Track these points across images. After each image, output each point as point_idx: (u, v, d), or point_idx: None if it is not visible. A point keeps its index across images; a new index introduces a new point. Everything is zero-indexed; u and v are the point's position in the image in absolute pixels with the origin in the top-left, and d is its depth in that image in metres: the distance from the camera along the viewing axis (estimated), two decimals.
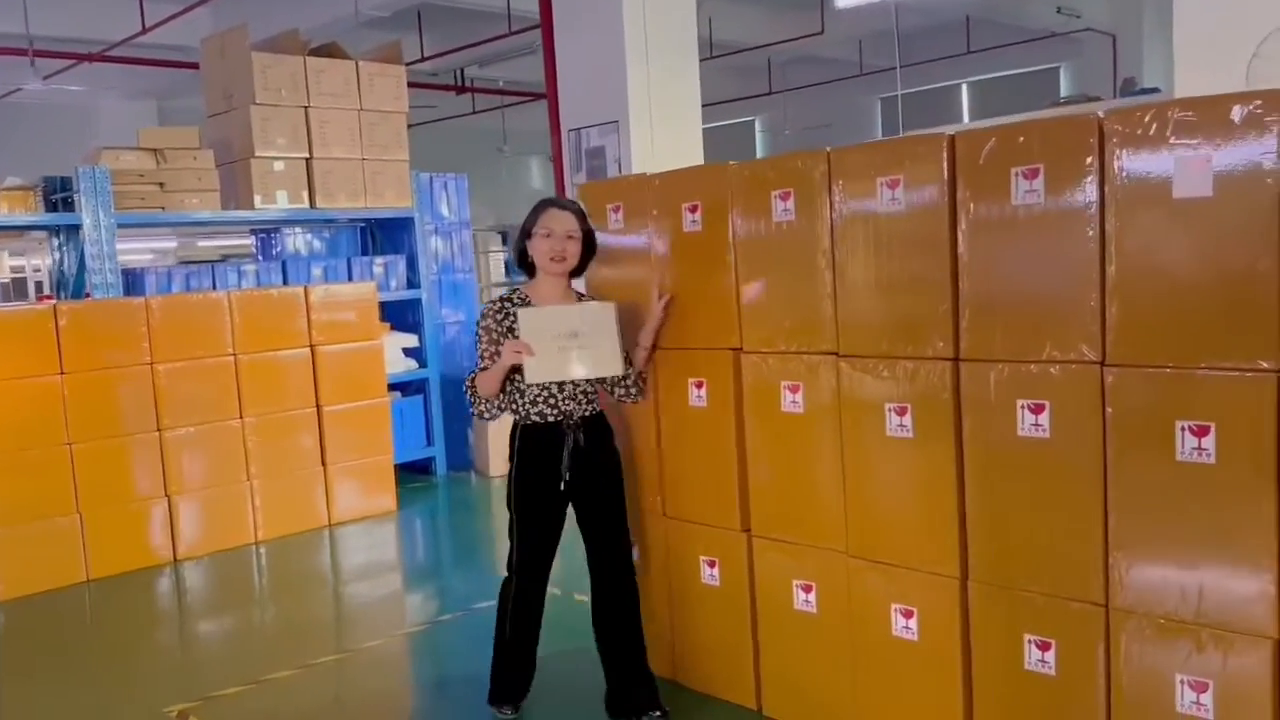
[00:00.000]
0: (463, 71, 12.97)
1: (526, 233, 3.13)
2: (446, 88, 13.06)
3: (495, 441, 6.87)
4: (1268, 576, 2.13)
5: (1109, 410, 2.32)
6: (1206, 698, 2.24)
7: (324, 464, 5.93)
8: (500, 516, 6.40)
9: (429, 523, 6.33)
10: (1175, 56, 7.26)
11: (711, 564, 3.28)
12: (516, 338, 2.98)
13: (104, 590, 5.09)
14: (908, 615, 2.77)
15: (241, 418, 5.64)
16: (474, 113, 14.54)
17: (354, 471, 6.06)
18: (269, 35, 6.48)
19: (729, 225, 3.07)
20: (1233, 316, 2.12)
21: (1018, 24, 12.00)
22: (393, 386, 6.77)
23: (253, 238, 7.31)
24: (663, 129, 6.20)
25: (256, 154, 6.16)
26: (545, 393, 3.08)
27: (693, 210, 3.17)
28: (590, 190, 3.53)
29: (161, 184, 5.93)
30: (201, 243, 9.39)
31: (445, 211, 7.17)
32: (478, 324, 3.17)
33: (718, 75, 14.18)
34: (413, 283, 6.88)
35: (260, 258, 7.13)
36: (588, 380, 3.11)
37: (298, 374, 5.81)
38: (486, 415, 3.19)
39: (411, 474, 7.00)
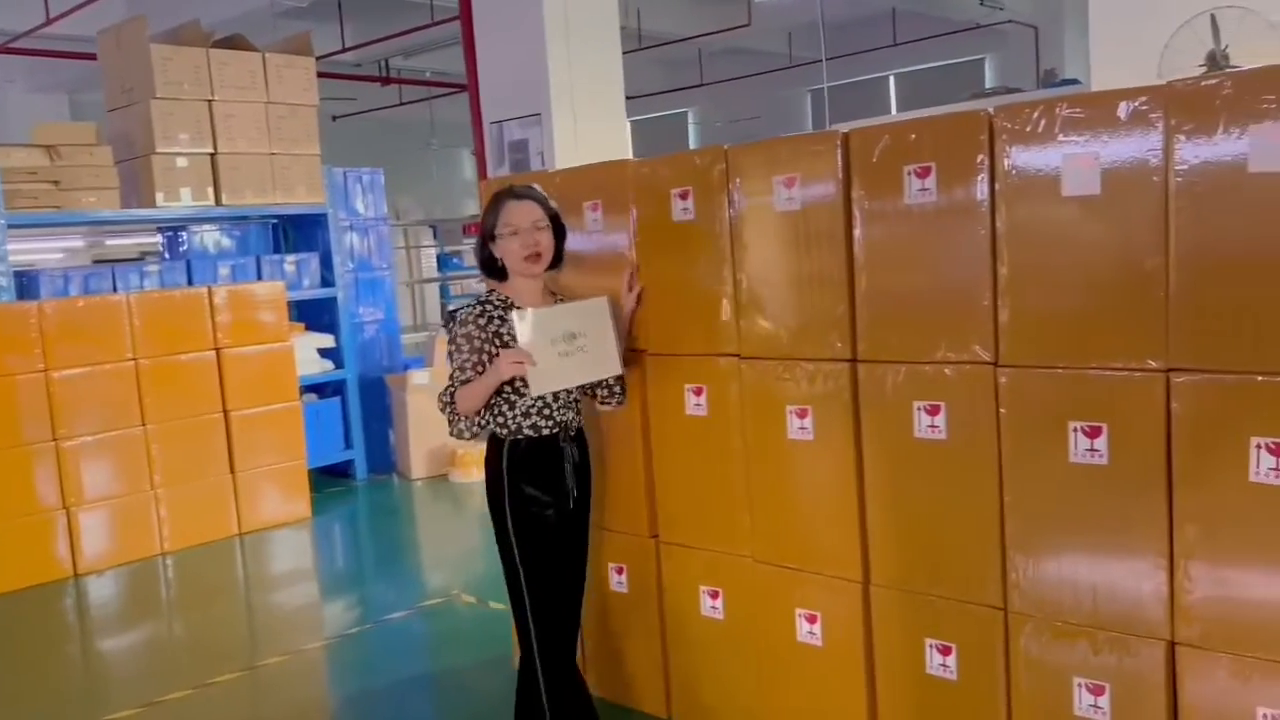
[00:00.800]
0: (387, 62, 12.71)
1: (490, 235, 2.75)
2: (370, 79, 12.79)
3: (417, 442, 6.73)
4: (1161, 578, 2.11)
5: (1003, 411, 2.29)
6: (1104, 700, 2.22)
7: (233, 471, 5.74)
8: (426, 518, 6.36)
9: (347, 529, 6.16)
10: (1091, 49, 7.35)
11: (620, 570, 3.20)
12: (505, 345, 2.65)
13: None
14: (812, 620, 2.72)
15: (144, 425, 5.42)
16: (401, 104, 14.27)
17: (265, 478, 5.87)
18: (183, 27, 6.24)
19: (630, 223, 2.99)
20: (1122, 316, 2.09)
21: (944, 16, 12.09)
22: (308, 388, 6.59)
23: (159, 236, 7.05)
24: (586, 122, 6.10)
25: (158, 150, 5.92)
26: (539, 402, 2.70)
27: (594, 209, 3.09)
28: (492, 188, 3.41)
29: (56, 182, 5.67)
30: (112, 241, 9.07)
31: (361, 207, 6.98)
32: (452, 331, 2.74)
33: (649, 67, 14.12)
34: (327, 281, 6.69)
35: (167, 257, 6.88)
36: (578, 387, 2.80)
37: (203, 378, 5.60)
38: (468, 435, 2.73)
39: (330, 478, 6.81)
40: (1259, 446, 1.95)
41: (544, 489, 2.71)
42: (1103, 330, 2.12)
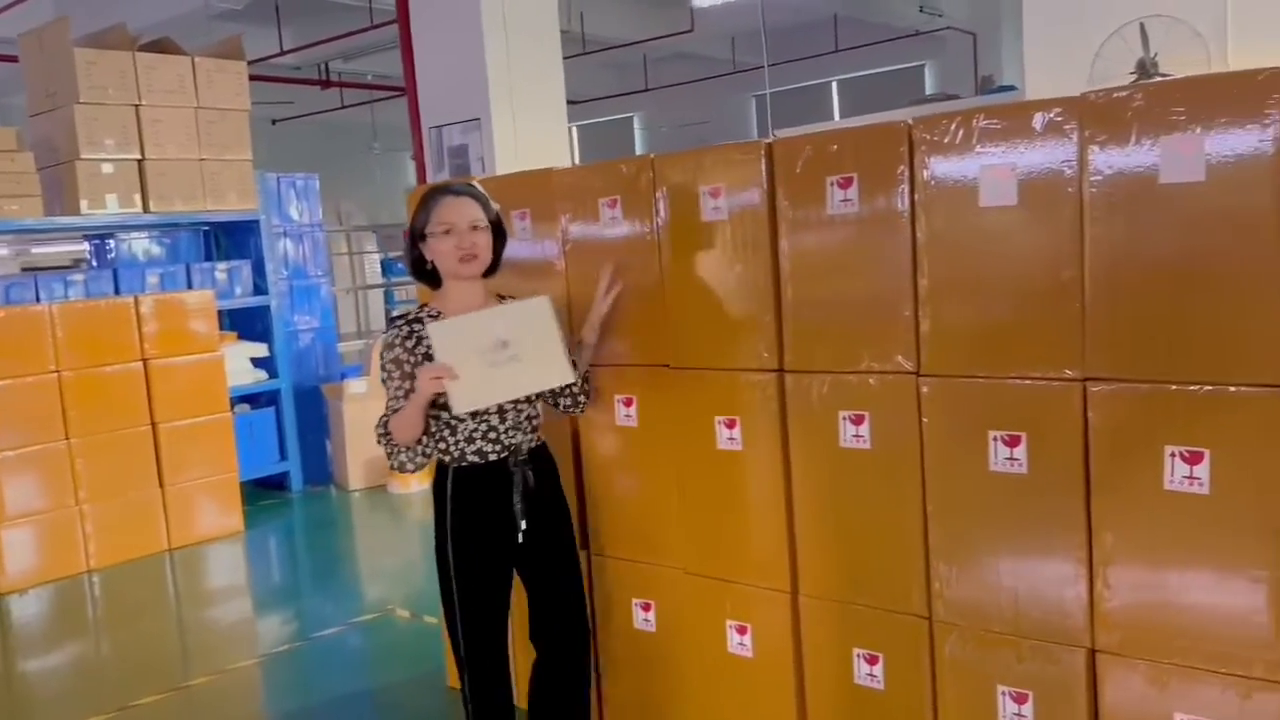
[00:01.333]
0: (327, 65, 12.54)
1: (419, 234, 2.51)
2: (310, 82, 12.61)
3: (354, 453, 6.62)
4: (1080, 586, 2.13)
5: (925, 420, 2.29)
6: (1027, 708, 2.23)
7: (162, 485, 5.60)
8: (363, 530, 6.26)
9: (282, 542, 6.04)
10: (1025, 56, 7.46)
11: None
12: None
13: None
14: (742, 631, 2.71)
15: (68, 438, 5.27)
16: (342, 107, 14.10)
17: (196, 491, 5.74)
18: (108, 30, 6.08)
19: (560, 232, 2.96)
20: (1040, 326, 2.10)
21: (884, 22, 12.22)
22: (242, 399, 6.46)
23: (86, 244, 6.87)
24: (527, 126, 6.04)
25: (82, 156, 5.76)
26: (483, 425, 2.48)
27: (522, 217, 3.05)
28: (419, 196, 3.35)
29: None
30: (40, 249, 8.82)
31: (295, 213, 6.87)
32: (381, 356, 2.53)
33: (594, 71, 14.10)
34: (260, 289, 6.56)
35: (94, 265, 6.70)
36: (529, 401, 2.57)
37: (129, 390, 5.46)
38: (410, 466, 2.52)
39: (264, 491, 6.68)
40: (1173, 455, 1.97)
41: (487, 522, 2.51)
42: (1021, 340, 2.13)
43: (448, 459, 2.52)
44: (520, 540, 2.54)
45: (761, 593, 2.65)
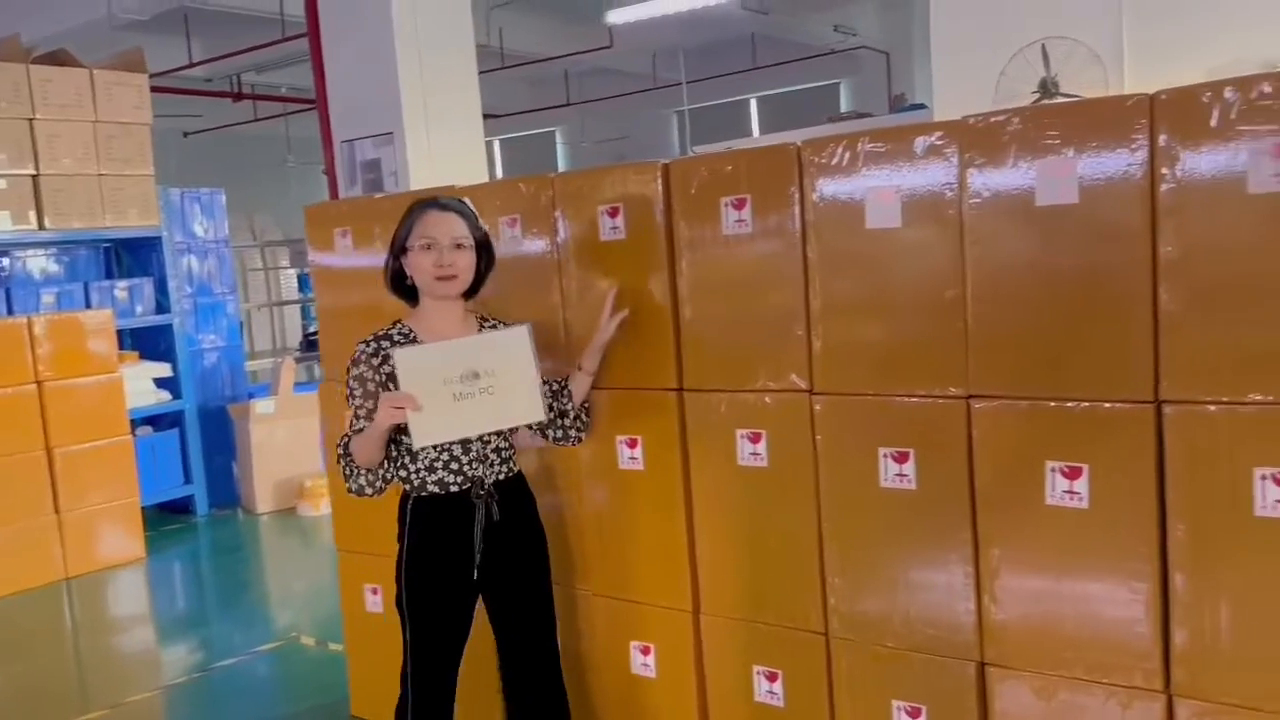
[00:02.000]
0: (239, 78, 12.28)
1: (401, 248, 2.41)
2: (222, 94, 12.33)
3: (262, 475, 6.46)
4: (969, 600, 2.16)
5: (819, 439, 2.31)
6: None
7: (58, 511, 5.39)
8: (270, 555, 6.09)
9: (187, 568, 5.86)
10: (933, 74, 7.65)
11: None
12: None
13: None
14: (646, 652, 2.70)
15: None
16: (256, 120, 13.81)
17: (95, 517, 5.53)
18: (1, 42, 5.87)
19: None
20: (926, 344, 2.14)
21: (801, 41, 12.42)
22: (144, 421, 6.25)
23: None
24: (441, 141, 5.98)
25: None
26: (445, 455, 2.38)
27: None
28: (316, 213, 3.30)
29: None
30: None
31: (200, 229, 6.69)
32: (347, 371, 2.42)
33: (516, 85, 14.05)
34: (162, 307, 6.37)
35: None
36: (499, 434, 2.44)
37: (23, 413, 5.24)
38: (369, 490, 2.39)
39: (168, 515, 6.48)
40: (1054, 470, 2.02)
41: (441, 552, 2.41)
42: (908, 358, 2.17)
43: (408, 487, 2.42)
44: (475, 575, 2.44)
45: (664, 612, 2.65)
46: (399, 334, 2.42)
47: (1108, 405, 1.95)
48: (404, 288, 2.45)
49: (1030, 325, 2.01)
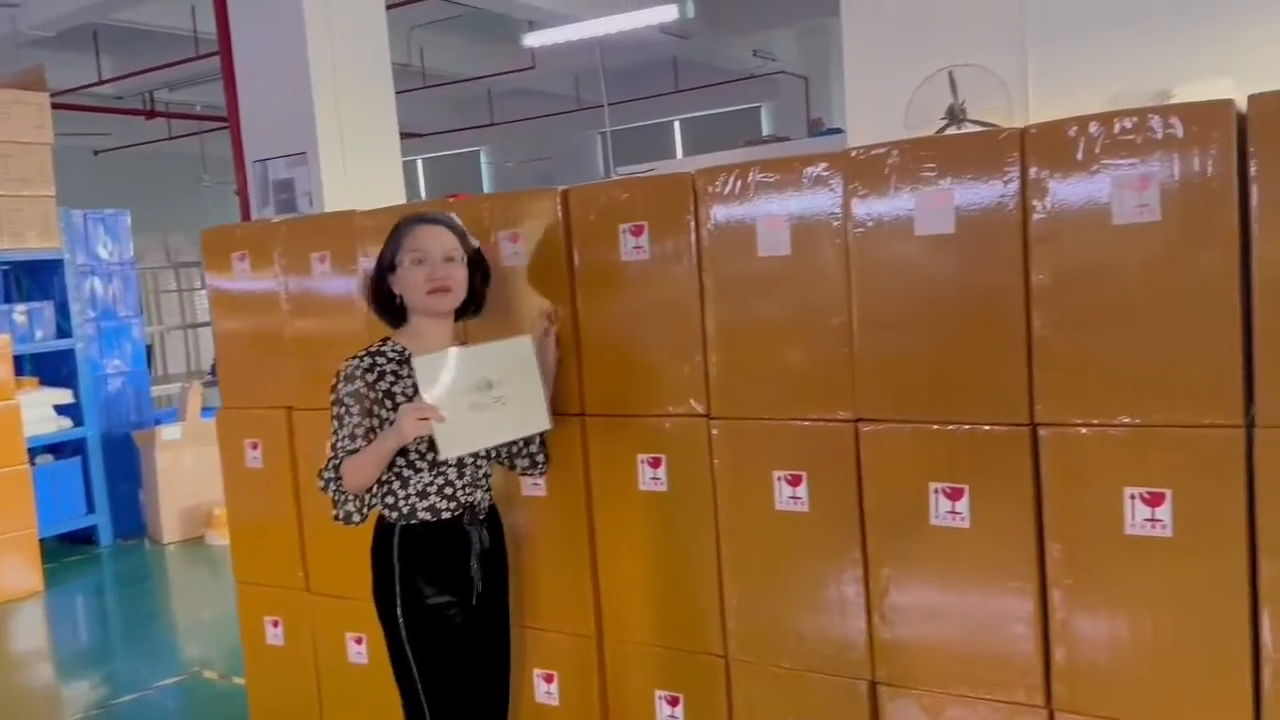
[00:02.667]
0: (152, 95, 12.01)
1: (388, 265, 2.31)
2: (133, 112, 12.04)
3: (169, 503, 6.28)
4: (860, 619, 2.20)
5: (716, 462, 2.34)
6: None
7: None
8: (177, 586, 5.92)
9: (89, 600, 5.67)
10: (846, 100, 7.80)
11: (360, 641, 3.06)
12: (401, 402, 2.19)
13: None
14: (549, 680, 2.69)
15: None
16: (170, 138, 13.52)
17: None
18: None
19: (360, 275, 2.90)
20: (816, 369, 2.19)
21: (722, 65, 12.59)
22: (45, 449, 6.05)
23: None
24: (357, 161, 5.92)
25: None
26: (440, 479, 2.28)
27: (321, 260, 2.97)
28: (213, 236, 3.24)
29: None
30: None
31: (104, 252, 6.51)
32: (336, 389, 2.27)
33: (440, 105, 13.98)
34: (64, 331, 6.18)
35: None
36: (486, 456, 2.37)
37: None
38: (358, 518, 2.27)
39: (70, 546, 6.26)
40: (937, 491, 2.07)
41: (445, 584, 2.30)
42: (800, 382, 2.21)
43: (394, 515, 2.29)
44: (474, 603, 2.36)
45: (568, 639, 2.64)
46: (391, 350, 2.30)
47: (986, 428, 2.01)
48: (390, 307, 2.36)
49: (913, 350, 2.07)
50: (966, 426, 2.03)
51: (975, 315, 2.00)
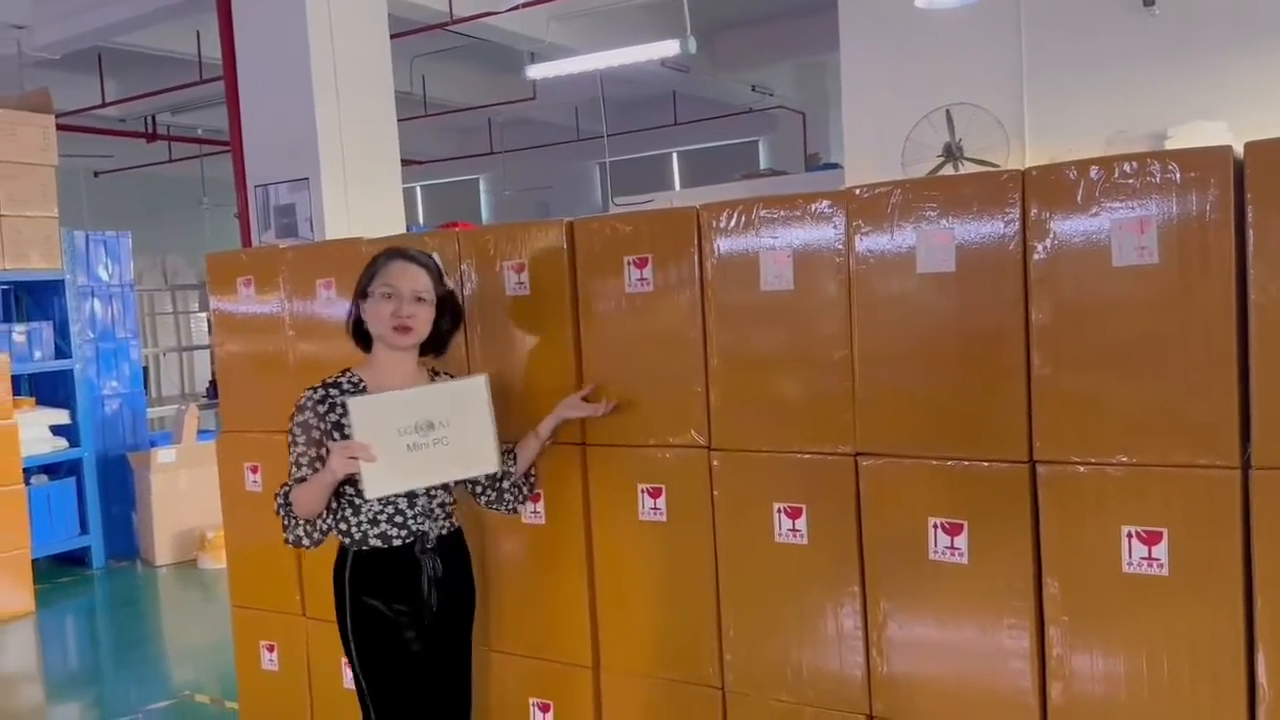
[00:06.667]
0: (154, 118, 12.08)
1: (362, 292, 2.39)
2: (135, 134, 12.10)
3: (163, 525, 6.27)
4: (858, 653, 2.21)
5: (716, 493, 2.36)
6: None
7: None
8: (169, 609, 5.89)
9: (80, 622, 5.63)
10: (845, 137, 7.87)
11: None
12: (349, 434, 2.24)
13: None
14: (545, 709, 2.69)
15: None
16: (170, 161, 13.57)
17: None
18: None
19: None
20: (817, 403, 2.21)
21: (720, 99, 12.72)
22: (40, 469, 6.04)
23: None
24: (359, 188, 5.96)
25: None
26: (390, 508, 2.33)
27: (327, 286, 3.00)
28: (218, 261, 3.26)
29: None
30: None
31: (104, 273, 6.54)
32: (291, 418, 2.36)
33: (439, 133, 14.08)
34: (63, 352, 6.18)
35: None
36: (444, 488, 2.43)
37: None
38: (307, 542, 2.35)
39: (63, 567, 6.24)
40: (936, 526, 2.09)
41: (396, 610, 2.36)
42: (801, 416, 2.24)
43: (348, 540, 2.36)
44: (427, 623, 2.39)
45: (565, 669, 2.64)
46: (348, 382, 2.37)
47: (985, 464, 2.04)
48: (362, 333, 2.43)
49: (913, 386, 2.10)
50: (966, 462, 2.05)
51: (975, 352, 2.03)
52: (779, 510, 2.26)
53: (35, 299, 6.35)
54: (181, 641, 5.34)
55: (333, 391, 2.35)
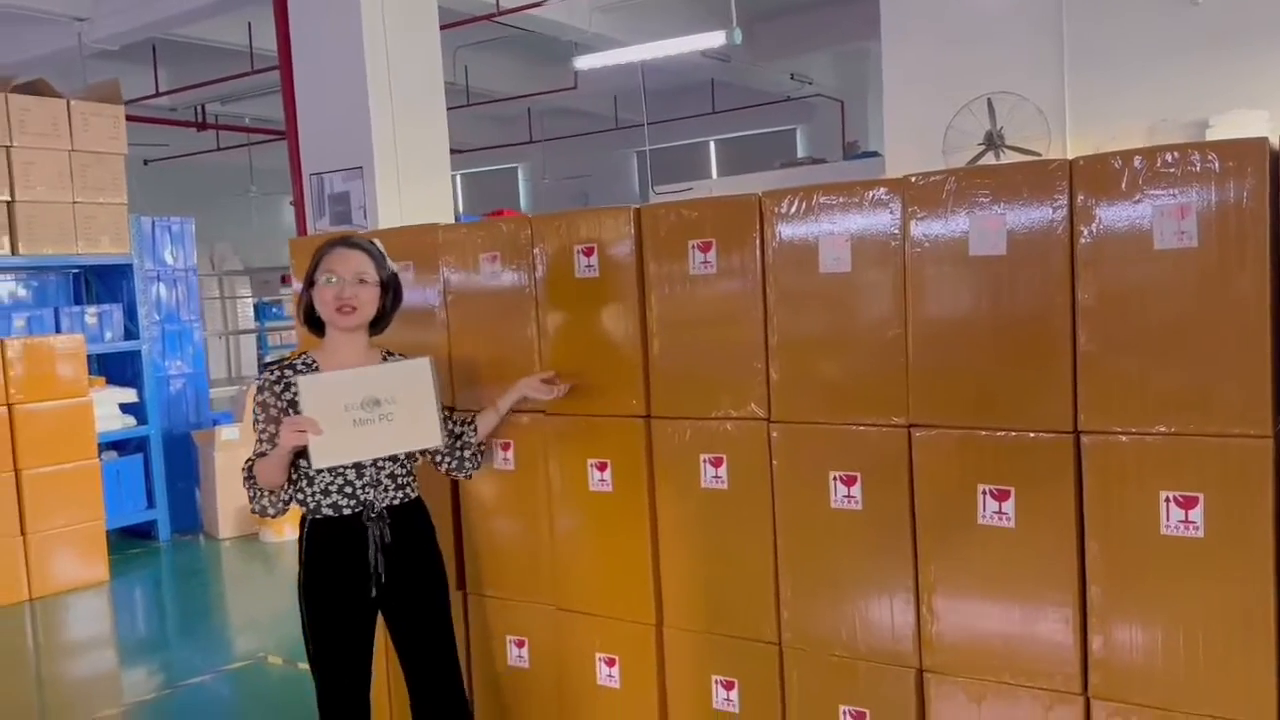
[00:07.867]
0: (204, 107, 12.38)
1: (309, 281, 2.61)
2: (186, 124, 12.42)
3: (225, 500, 6.53)
4: (909, 612, 2.37)
5: (775, 463, 2.52)
6: None
7: (23, 532, 5.44)
8: (233, 579, 6.15)
9: (149, 591, 5.91)
10: (885, 125, 7.95)
11: None
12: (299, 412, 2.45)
13: None
14: (611, 664, 2.86)
15: None
16: (219, 149, 13.89)
17: (59, 539, 5.58)
18: None
19: (439, 284, 3.10)
20: (872, 377, 2.36)
21: (758, 88, 12.81)
22: (109, 445, 6.31)
23: None
24: (410, 176, 6.12)
25: None
26: (340, 479, 2.55)
27: (405, 269, 3.17)
28: (300, 244, 3.45)
29: None
30: None
31: (169, 257, 6.80)
32: (254, 399, 2.62)
33: (479, 122, 14.28)
34: (131, 333, 6.46)
35: None
36: (393, 460, 2.62)
37: None
38: (271, 511, 2.58)
39: (131, 539, 6.53)
40: (984, 492, 2.24)
41: (337, 573, 2.58)
42: (856, 390, 2.39)
43: (305, 510, 2.60)
44: (374, 594, 2.60)
45: (629, 626, 2.82)
46: (302, 364, 2.60)
47: (1032, 435, 2.18)
48: (314, 320, 2.64)
49: (964, 362, 2.25)
50: (1014, 433, 2.20)
51: (1024, 331, 2.17)
52: (835, 478, 2.42)
53: (104, 282, 6.62)
54: (247, 610, 5.60)
55: (288, 373, 2.56)
